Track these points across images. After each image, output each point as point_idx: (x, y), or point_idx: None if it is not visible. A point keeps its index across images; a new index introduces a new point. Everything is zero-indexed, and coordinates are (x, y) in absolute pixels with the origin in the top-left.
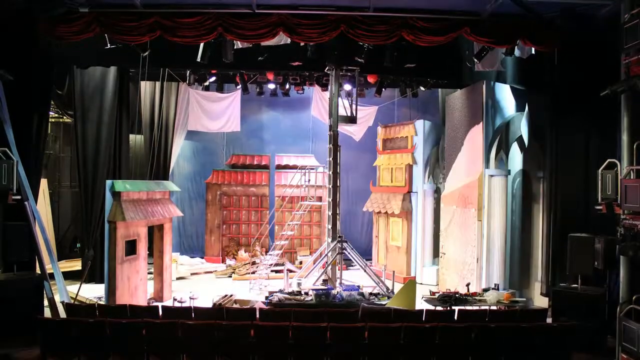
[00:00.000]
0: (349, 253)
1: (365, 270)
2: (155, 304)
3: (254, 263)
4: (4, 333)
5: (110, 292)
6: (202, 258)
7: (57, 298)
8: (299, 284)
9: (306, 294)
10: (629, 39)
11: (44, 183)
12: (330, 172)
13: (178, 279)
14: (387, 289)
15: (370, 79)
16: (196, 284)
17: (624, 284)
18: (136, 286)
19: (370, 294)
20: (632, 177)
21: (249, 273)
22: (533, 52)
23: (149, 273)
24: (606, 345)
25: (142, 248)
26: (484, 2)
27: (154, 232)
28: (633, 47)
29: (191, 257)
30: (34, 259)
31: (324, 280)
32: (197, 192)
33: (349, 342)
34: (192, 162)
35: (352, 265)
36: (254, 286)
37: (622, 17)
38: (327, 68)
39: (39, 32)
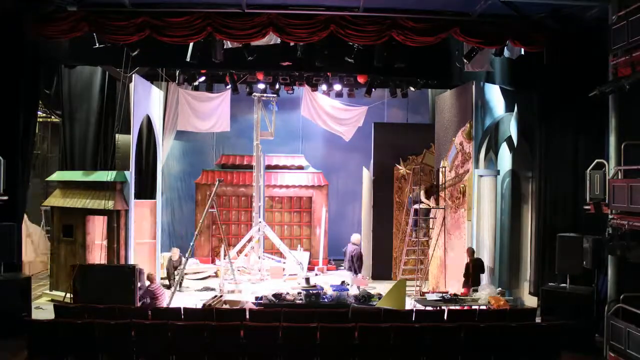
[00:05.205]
0: None
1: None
2: None
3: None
4: None
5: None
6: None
7: None
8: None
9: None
10: (616, 40)
11: None
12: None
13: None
14: None
15: (360, 79)
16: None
17: (612, 283)
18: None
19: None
20: (619, 178)
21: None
22: (522, 52)
23: None
24: (594, 344)
25: (79, 234)
26: (474, 3)
27: None
28: (621, 49)
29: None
30: (22, 260)
31: (306, 280)
32: (187, 192)
33: (339, 342)
34: (181, 162)
35: (341, 266)
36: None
37: (609, 18)
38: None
39: (26, 31)
